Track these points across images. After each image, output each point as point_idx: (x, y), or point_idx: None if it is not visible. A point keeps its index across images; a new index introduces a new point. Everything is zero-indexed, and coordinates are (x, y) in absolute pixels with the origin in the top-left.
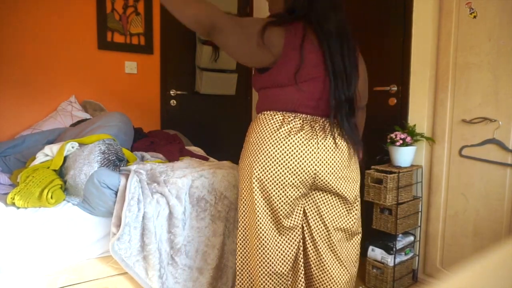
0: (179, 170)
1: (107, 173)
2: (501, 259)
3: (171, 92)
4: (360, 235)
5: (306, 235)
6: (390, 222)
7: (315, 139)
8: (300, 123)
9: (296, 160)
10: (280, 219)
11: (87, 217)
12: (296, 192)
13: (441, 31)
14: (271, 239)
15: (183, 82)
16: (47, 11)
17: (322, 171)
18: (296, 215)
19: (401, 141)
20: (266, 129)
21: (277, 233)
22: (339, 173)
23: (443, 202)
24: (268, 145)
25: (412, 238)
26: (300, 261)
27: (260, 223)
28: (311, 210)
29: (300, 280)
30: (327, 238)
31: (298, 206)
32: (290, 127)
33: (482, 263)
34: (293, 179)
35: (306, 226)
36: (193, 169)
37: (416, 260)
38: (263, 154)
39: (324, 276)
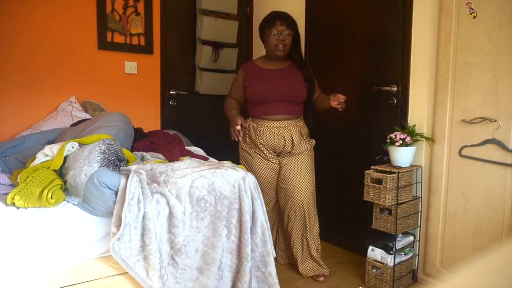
0: (179, 170)
1: (107, 173)
2: (501, 259)
3: (171, 92)
4: None
5: None
6: (389, 222)
7: None
8: None
9: None
10: None
11: (87, 217)
12: None
13: (441, 31)
14: None
15: (183, 82)
16: (47, 11)
17: None
18: None
19: (400, 141)
20: None
21: None
22: None
23: (443, 202)
24: None
25: (412, 238)
26: None
27: None
28: None
29: None
30: None
31: None
32: None
33: (482, 263)
34: None
35: None
36: (193, 169)
37: (416, 260)
38: None
39: None
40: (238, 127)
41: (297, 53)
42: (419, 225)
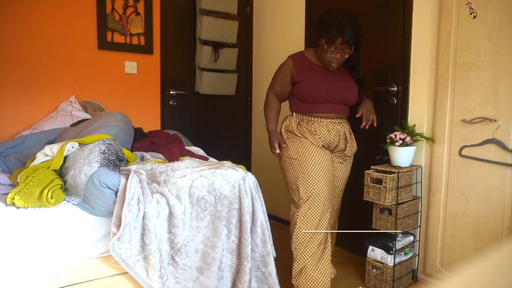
0: (179, 170)
1: (107, 173)
2: (501, 259)
3: (171, 92)
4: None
5: None
6: (390, 222)
7: None
8: None
9: None
10: None
11: (87, 217)
12: None
13: (441, 31)
14: None
15: (183, 82)
16: (47, 11)
17: None
18: None
19: (400, 141)
20: None
21: None
22: None
23: (443, 202)
24: None
25: (411, 238)
26: None
27: None
28: None
29: None
30: None
31: None
32: None
33: (482, 263)
34: None
35: None
36: (193, 169)
37: (416, 260)
38: None
39: None
40: (278, 151)
41: (355, 59)
42: (419, 225)
